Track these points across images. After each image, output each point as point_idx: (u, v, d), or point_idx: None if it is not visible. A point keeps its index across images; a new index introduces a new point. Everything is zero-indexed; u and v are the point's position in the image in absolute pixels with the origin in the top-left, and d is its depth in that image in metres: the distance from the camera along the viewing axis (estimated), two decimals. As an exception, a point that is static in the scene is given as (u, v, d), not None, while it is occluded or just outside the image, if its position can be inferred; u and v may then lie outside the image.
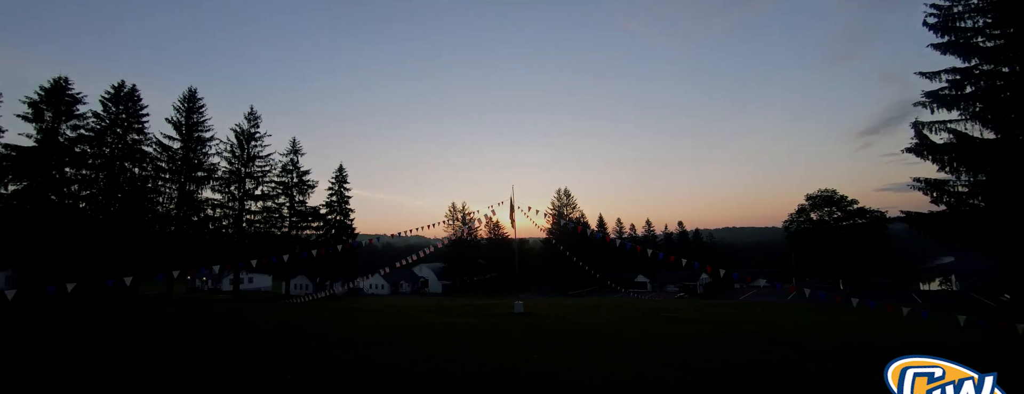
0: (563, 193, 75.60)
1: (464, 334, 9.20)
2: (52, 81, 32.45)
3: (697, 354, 7.25)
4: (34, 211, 30.56)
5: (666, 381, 5.47)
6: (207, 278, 76.17)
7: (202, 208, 39.58)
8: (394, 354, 7.13)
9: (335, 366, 6.27)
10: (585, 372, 5.95)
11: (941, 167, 24.91)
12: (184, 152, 38.61)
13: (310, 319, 11.34)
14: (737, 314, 16.18)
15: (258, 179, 43.76)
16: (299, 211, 47.51)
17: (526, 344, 8.07)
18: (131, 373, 5.75)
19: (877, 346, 8.19)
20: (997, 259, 26.78)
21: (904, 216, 27.00)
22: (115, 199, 34.50)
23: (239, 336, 8.84)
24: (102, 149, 34.14)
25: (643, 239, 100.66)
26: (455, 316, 12.86)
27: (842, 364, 6.54)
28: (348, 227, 53.78)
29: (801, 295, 36.92)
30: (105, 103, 34.89)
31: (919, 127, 25.63)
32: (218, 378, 5.54)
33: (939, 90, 25.37)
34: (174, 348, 7.42)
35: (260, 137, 43.64)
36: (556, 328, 10.24)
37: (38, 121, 31.68)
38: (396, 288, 73.95)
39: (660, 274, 79.56)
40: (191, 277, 70.19)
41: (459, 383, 5.43)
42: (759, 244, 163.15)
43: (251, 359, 6.67)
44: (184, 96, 39.78)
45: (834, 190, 61.98)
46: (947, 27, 25.30)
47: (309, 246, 45.87)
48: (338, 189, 54.68)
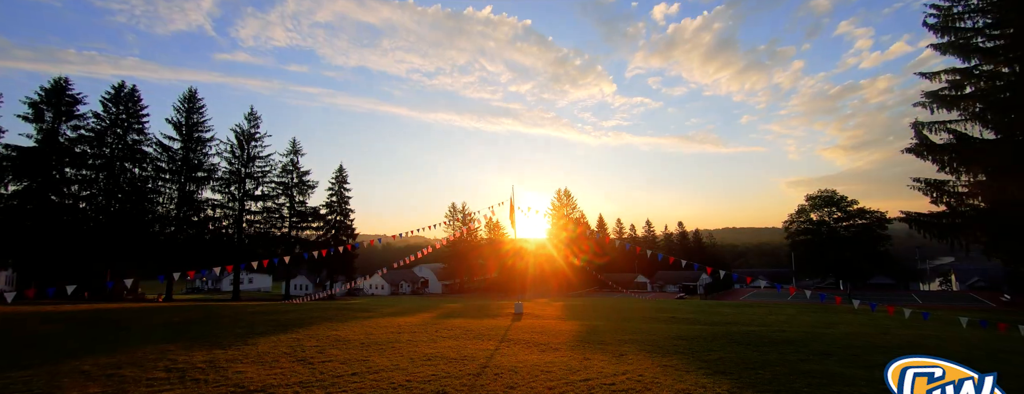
0: (563, 193, 75.56)
1: (464, 334, 9.20)
2: (52, 81, 32.50)
3: (697, 354, 7.25)
4: (34, 211, 30.57)
5: (666, 381, 5.48)
6: (207, 279, 76.15)
7: (202, 208, 39.63)
8: (394, 354, 7.14)
9: (334, 366, 6.27)
10: (585, 373, 5.96)
11: (941, 167, 24.92)
12: (184, 152, 38.66)
13: (309, 318, 11.34)
14: (737, 314, 16.18)
15: (258, 179, 43.81)
16: (299, 211, 47.56)
17: (526, 344, 8.08)
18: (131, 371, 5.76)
19: (877, 346, 8.19)
20: (997, 259, 26.77)
21: (904, 216, 27.01)
22: (115, 199, 34.53)
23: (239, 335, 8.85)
24: (102, 149, 34.19)
25: (643, 239, 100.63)
26: (455, 316, 12.86)
27: (842, 364, 6.54)
28: (348, 227, 53.84)
29: (801, 295, 36.92)
30: (105, 103, 34.95)
31: (919, 127, 25.64)
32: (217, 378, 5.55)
33: (939, 90, 25.38)
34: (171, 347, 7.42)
35: (260, 137, 43.73)
36: (556, 329, 10.23)
37: (38, 121, 31.74)
38: (396, 288, 73.93)
39: (660, 274, 79.59)
40: (191, 278, 70.17)
41: (459, 383, 5.44)
42: (759, 244, 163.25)
43: (250, 359, 6.67)
44: (184, 97, 39.84)
45: (834, 190, 61.98)
46: (947, 27, 25.32)
47: (309, 246, 45.92)
48: (338, 189, 54.74)
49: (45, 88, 32.07)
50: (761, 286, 63.77)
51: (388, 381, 5.51)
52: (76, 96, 33.07)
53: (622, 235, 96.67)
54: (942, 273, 67.07)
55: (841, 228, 60.44)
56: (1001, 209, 22.97)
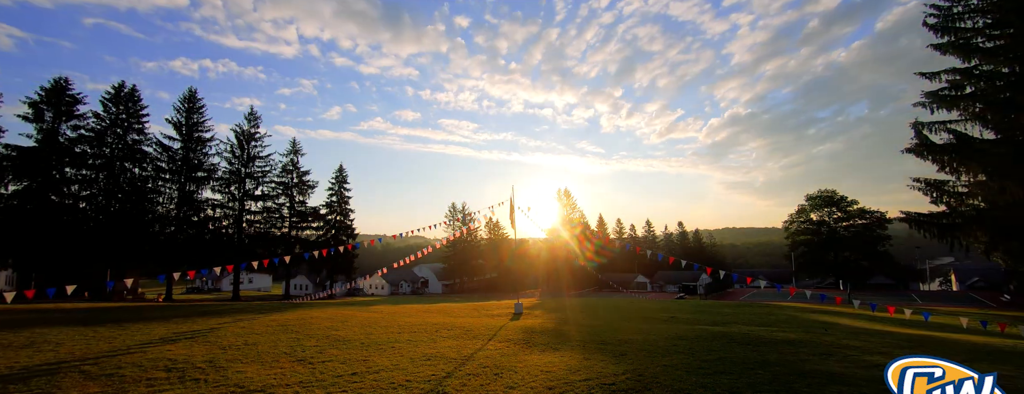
0: (563, 194, 75.57)
1: (463, 334, 9.20)
2: (52, 81, 32.48)
3: (697, 354, 7.25)
4: (34, 211, 30.57)
5: (666, 381, 5.48)
6: (207, 279, 76.20)
7: (202, 208, 39.63)
8: (394, 354, 7.14)
9: (334, 366, 6.28)
10: (585, 372, 5.96)
11: (941, 167, 24.92)
12: (184, 152, 38.67)
13: (310, 318, 11.34)
14: (737, 314, 16.18)
15: (258, 179, 43.81)
16: (299, 211, 47.56)
17: (526, 344, 8.08)
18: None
19: (877, 346, 8.19)
20: (996, 259, 26.77)
21: (904, 216, 27.01)
22: (115, 199, 34.53)
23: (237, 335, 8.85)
24: (102, 149, 34.19)
25: (643, 240, 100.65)
26: (455, 316, 12.86)
27: (842, 364, 6.54)
28: (348, 227, 53.83)
29: (801, 295, 36.93)
30: (105, 103, 34.96)
31: (919, 127, 25.64)
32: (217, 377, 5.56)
33: (939, 90, 25.39)
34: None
35: (260, 137, 43.72)
36: (555, 328, 10.24)
37: (38, 121, 31.72)
38: (396, 288, 73.96)
39: (660, 274, 79.55)
40: (191, 277, 70.20)
41: (458, 383, 5.44)
42: (759, 244, 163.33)
43: (249, 359, 6.68)
44: (184, 97, 39.84)
45: (834, 191, 62.03)
46: (947, 27, 25.32)
47: (309, 246, 45.93)
48: (338, 189, 54.74)
49: (45, 88, 32.06)
50: (761, 286, 63.74)
51: (388, 381, 5.51)
52: (76, 96, 33.06)
53: (622, 235, 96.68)
54: (942, 273, 67.06)
55: (841, 228, 60.51)
56: (1001, 209, 22.97)
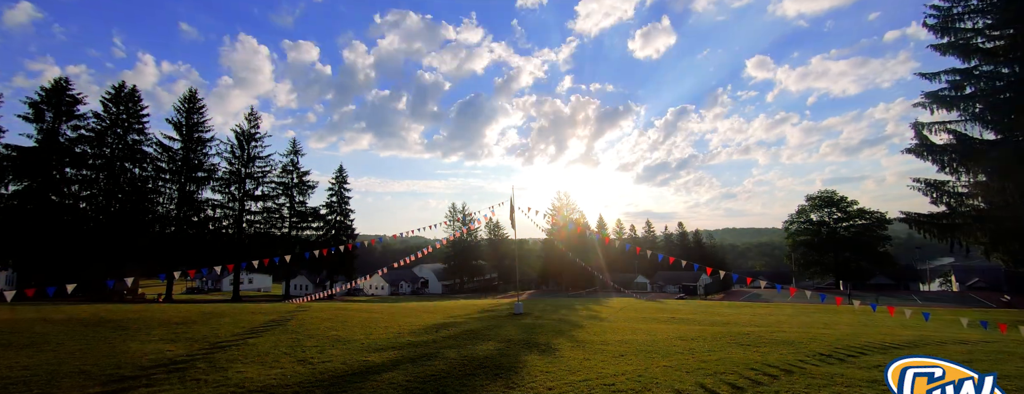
0: (563, 194, 75.54)
1: (463, 334, 9.20)
2: (52, 82, 32.50)
3: (697, 354, 7.25)
4: (35, 211, 30.57)
5: (665, 381, 5.48)
6: (207, 278, 76.21)
7: (202, 208, 39.64)
8: (394, 354, 7.14)
9: (334, 366, 6.27)
10: (585, 373, 5.96)
11: (941, 168, 24.93)
12: (184, 152, 38.68)
13: (310, 318, 11.33)
14: (737, 315, 16.20)
15: (258, 179, 43.81)
16: (299, 211, 47.57)
17: (525, 344, 8.08)
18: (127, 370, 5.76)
19: (877, 346, 8.19)
20: (996, 260, 26.77)
21: (904, 216, 27.00)
22: (115, 199, 34.54)
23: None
24: (102, 149, 34.20)
25: (643, 240, 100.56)
26: (455, 316, 12.86)
27: (842, 364, 6.54)
28: (348, 227, 53.81)
29: (801, 296, 36.94)
30: (105, 103, 34.96)
31: (919, 128, 25.65)
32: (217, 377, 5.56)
33: (939, 91, 25.39)
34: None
35: (260, 138, 43.72)
36: (555, 329, 10.23)
37: (39, 121, 31.73)
38: (396, 289, 73.89)
39: (660, 275, 79.46)
40: (192, 277, 70.22)
41: (458, 383, 5.44)
42: (759, 244, 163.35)
43: (248, 359, 6.68)
44: (184, 97, 39.85)
45: (834, 191, 62.01)
46: (947, 28, 25.33)
47: (309, 246, 45.92)
48: (338, 189, 54.71)
49: (45, 88, 32.08)
50: (761, 286, 63.78)
51: (388, 381, 5.51)
52: (76, 96, 33.08)
53: (622, 235, 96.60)
54: (942, 273, 67.04)
55: (841, 228, 60.48)
56: (1001, 209, 22.97)
